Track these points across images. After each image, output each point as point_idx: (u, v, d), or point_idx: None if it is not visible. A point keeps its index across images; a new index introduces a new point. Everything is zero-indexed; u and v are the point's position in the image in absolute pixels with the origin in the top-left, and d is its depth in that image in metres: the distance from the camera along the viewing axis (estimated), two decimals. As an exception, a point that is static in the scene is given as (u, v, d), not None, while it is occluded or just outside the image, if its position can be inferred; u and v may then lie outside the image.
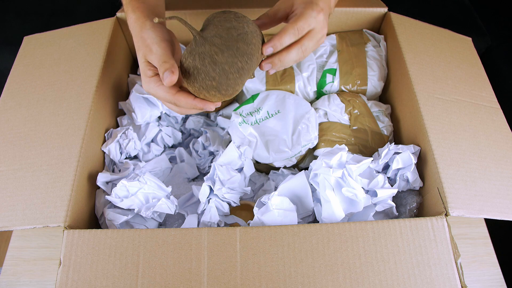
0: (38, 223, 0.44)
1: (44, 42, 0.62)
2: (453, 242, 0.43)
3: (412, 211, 0.52)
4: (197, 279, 0.41)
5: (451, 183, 0.46)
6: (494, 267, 0.54)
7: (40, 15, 1.02)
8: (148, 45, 0.43)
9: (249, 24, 0.41)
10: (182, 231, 0.43)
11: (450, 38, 0.64)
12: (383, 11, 0.66)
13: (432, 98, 0.54)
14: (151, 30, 0.44)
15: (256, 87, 0.63)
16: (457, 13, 1.06)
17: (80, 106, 0.53)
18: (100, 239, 0.43)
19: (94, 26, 0.63)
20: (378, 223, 0.43)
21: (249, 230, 0.43)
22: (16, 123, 0.53)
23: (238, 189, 0.53)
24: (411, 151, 0.52)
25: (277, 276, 0.41)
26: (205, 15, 0.66)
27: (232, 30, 0.39)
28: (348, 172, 0.48)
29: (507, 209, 0.46)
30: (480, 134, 0.52)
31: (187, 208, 0.56)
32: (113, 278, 0.41)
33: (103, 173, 0.53)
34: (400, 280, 0.41)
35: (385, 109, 0.63)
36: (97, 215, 0.52)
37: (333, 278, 0.41)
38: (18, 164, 0.49)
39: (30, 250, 0.56)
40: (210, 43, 0.39)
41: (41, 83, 0.57)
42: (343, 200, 0.48)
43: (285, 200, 0.48)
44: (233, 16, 0.40)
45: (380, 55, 0.66)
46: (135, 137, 0.58)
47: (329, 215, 0.47)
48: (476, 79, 0.59)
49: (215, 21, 0.40)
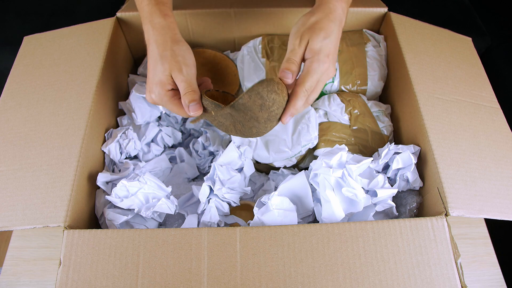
0: (38, 223, 0.44)
1: (44, 42, 0.62)
2: (453, 242, 0.43)
3: (412, 211, 0.52)
4: (197, 279, 0.41)
5: (451, 183, 0.46)
6: (494, 267, 0.54)
7: (40, 15, 1.02)
8: (178, 62, 0.45)
9: (280, 98, 0.43)
10: (182, 231, 0.43)
11: (450, 38, 0.64)
12: (383, 11, 0.66)
13: (432, 98, 0.54)
14: (186, 49, 0.47)
15: (256, 87, 0.63)
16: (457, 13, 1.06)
17: (80, 106, 0.53)
18: (100, 239, 0.43)
19: (94, 26, 0.63)
20: (378, 223, 0.43)
21: (249, 230, 0.43)
22: (16, 123, 0.53)
23: (238, 189, 0.53)
24: (411, 151, 0.52)
25: (277, 276, 0.41)
26: (205, 15, 0.66)
27: (260, 108, 0.43)
28: (348, 172, 0.48)
29: (507, 209, 0.46)
30: (480, 134, 0.52)
31: (187, 208, 0.56)
32: (113, 278, 0.41)
33: (103, 173, 0.53)
34: (400, 280, 0.41)
35: (385, 109, 0.63)
36: (97, 215, 0.52)
37: (333, 278, 0.41)
38: (18, 164, 0.49)
39: (30, 250, 0.56)
40: (232, 121, 0.46)
41: (41, 83, 0.57)
42: (343, 200, 0.48)
43: (285, 200, 0.48)
44: (267, 92, 0.42)
45: (380, 55, 0.66)
46: (135, 137, 0.58)
47: (329, 215, 0.47)
48: (476, 79, 0.59)
49: (253, 94, 0.42)
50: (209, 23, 0.67)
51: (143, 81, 0.65)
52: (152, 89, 0.46)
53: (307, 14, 0.47)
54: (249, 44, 0.68)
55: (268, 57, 0.65)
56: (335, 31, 0.45)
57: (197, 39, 0.70)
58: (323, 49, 0.44)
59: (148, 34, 0.48)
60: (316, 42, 0.44)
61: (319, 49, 0.44)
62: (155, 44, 0.46)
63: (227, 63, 0.69)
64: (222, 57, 0.69)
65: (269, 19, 0.66)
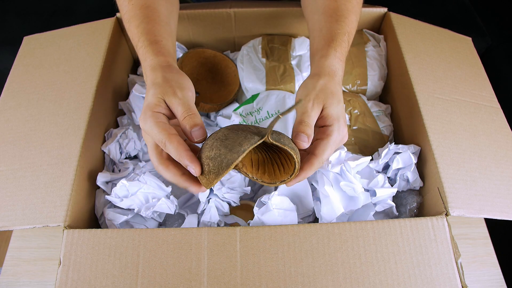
0: (38, 223, 0.44)
1: (44, 42, 0.62)
2: (454, 241, 0.42)
3: (412, 211, 0.52)
4: (197, 279, 0.41)
5: (451, 182, 0.46)
6: (494, 267, 0.54)
7: (40, 15, 1.02)
8: (172, 87, 0.39)
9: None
10: (182, 231, 0.43)
11: (450, 38, 0.64)
12: (383, 11, 0.66)
13: (432, 98, 0.54)
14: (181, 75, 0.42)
15: (256, 87, 0.63)
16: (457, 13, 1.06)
17: (80, 106, 0.53)
18: (100, 239, 0.43)
19: (94, 26, 0.63)
20: (378, 223, 0.43)
21: (249, 230, 0.43)
22: (16, 123, 0.53)
23: (238, 189, 0.53)
24: (411, 151, 0.52)
25: (277, 276, 0.41)
26: (205, 15, 0.66)
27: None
28: (346, 168, 0.48)
29: (507, 208, 0.46)
30: (480, 134, 0.52)
31: (187, 208, 0.56)
32: (113, 278, 0.41)
33: (103, 173, 0.53)
34: (400, 280, 0.41)
35: (385, 109, 0.63)
36: (97, 215, 0.52)
37: (333, 278, 0.41)
38: (18, 164, 0.49)
39: (30, 250, 0.56)
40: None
41: (41, 83, 0.57)
42: (342, 197, 0.49)
43: (285, 200, 0.48)
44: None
45: (380, 55, 0.66)
46: (135, 137, 0.58)
47: (328, 210, 0.47)
48: (476, 79, 0.59)
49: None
50: (209, 23, 0.67)
51: (143, 81, 0.65)
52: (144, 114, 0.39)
53: (313, 77, 0.44)
54: (249, 44, 0.68)
55: (268, 57, 0.65)
56: (342, 94, 0.44)
57: (197, 39, 0.71)
58: (340, 115, 0.42)
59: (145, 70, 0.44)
60: (333, 107, 0.42)
61: (337, 115, 0.42)
62: (149, 75, 0.42)
63: (227, 63, 0.69)
64: (222, 57, 0.69)
65: (269, 19, 0.67)
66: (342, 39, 0.46)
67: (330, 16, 0.48)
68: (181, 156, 0.36)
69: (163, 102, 0.39)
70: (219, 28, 0.68)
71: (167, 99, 0.39)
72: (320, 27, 0.49)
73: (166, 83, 0.40)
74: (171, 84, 0.40)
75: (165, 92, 0.39)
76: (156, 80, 0.40)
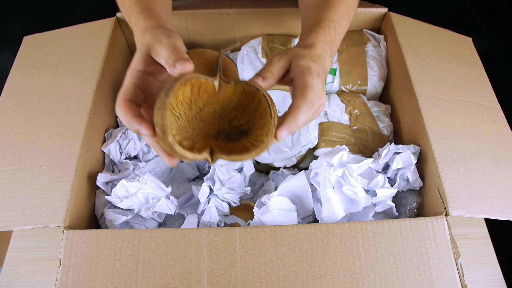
0: (38, 223, 0.44)
1: (44, 42, 0.62)
2: (453, 242, 0.42)
3: (412, 211, 0.52)
4: (197, 279, 0.41)
5: (451, 183, 0.46)
6: (494, 267, 0.54)
7: (40, 15, 1.02)
8: (157, 35, 0.36)
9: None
10: (182, 231, 0.43)
11: (450, 38, 0.64)
12: (383, 11, 0.66)
13: (432, 98, 0.54)
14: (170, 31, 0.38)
15: (256, 87, 0.63)
16: (457, 13, 1.06)
17: (80, 106, 0.53)
18: (100, 239, 0.43)
19: (94, 26, 0.63)
20: (378, 223, 0.43)
21: (249, 230, 0.43)
22: (16, 123, 0.53)
23: (238, 189, 0.53)
24: (411, 151, 0.52)
25: (277, 276, 0.41)
26: (205, 15, 0.66)
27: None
28: (349, 171, 0.48)
29: (507, 209, 0.46)
30: (480, 134, 0.52)
31: (187, 208, 0.56)
32: (113, 278, 0.41)
33: (103, 173, 0.53)
34: (400, 280, 0.41)
35: (385, 109, 0.63)
36: (97, 215, 0.52)
37: (333, 278, 0.41)
38: (18, 164, 0.49)
39: (30, 251, 0.56)
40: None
41: (41, 83, 0.57)
42: (343, 200, 0.48)
43: (285, 200, 0.48)
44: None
45: (380, 55, 0.66)
46: (135, 137, 0.58)
47: (329, 214, 0.47)
48: (476, 79, 0.59)
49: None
50: (209, 23, 0.67)
51: (143, 81, 0.65)
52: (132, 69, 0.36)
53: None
54: (249, 44, 0.68)
55: (268, 57, 0.65)
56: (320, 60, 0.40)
57: (197, 39, 0.71)
58: (312, 67, 0.38)
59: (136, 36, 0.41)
60: (302, 59, 0.38)
61: (308, 65, 0.38)
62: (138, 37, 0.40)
63: (227, 63, 0.69)
64: (222, 57, 0.69)
65: (269, 19, 0.66)
66: (327, 24, 0.44)
67: (318, 6, 0.47)
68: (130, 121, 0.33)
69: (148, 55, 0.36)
70: (219, 28, 0.68)
71: (153, 52, 0.36)
72: (308, 17, 0.48)
73: (153, 37, 0.36)
74: (158, 37, 0.36)
75: (150, 45, 0.36)
76: (145, 40, 0.37)
